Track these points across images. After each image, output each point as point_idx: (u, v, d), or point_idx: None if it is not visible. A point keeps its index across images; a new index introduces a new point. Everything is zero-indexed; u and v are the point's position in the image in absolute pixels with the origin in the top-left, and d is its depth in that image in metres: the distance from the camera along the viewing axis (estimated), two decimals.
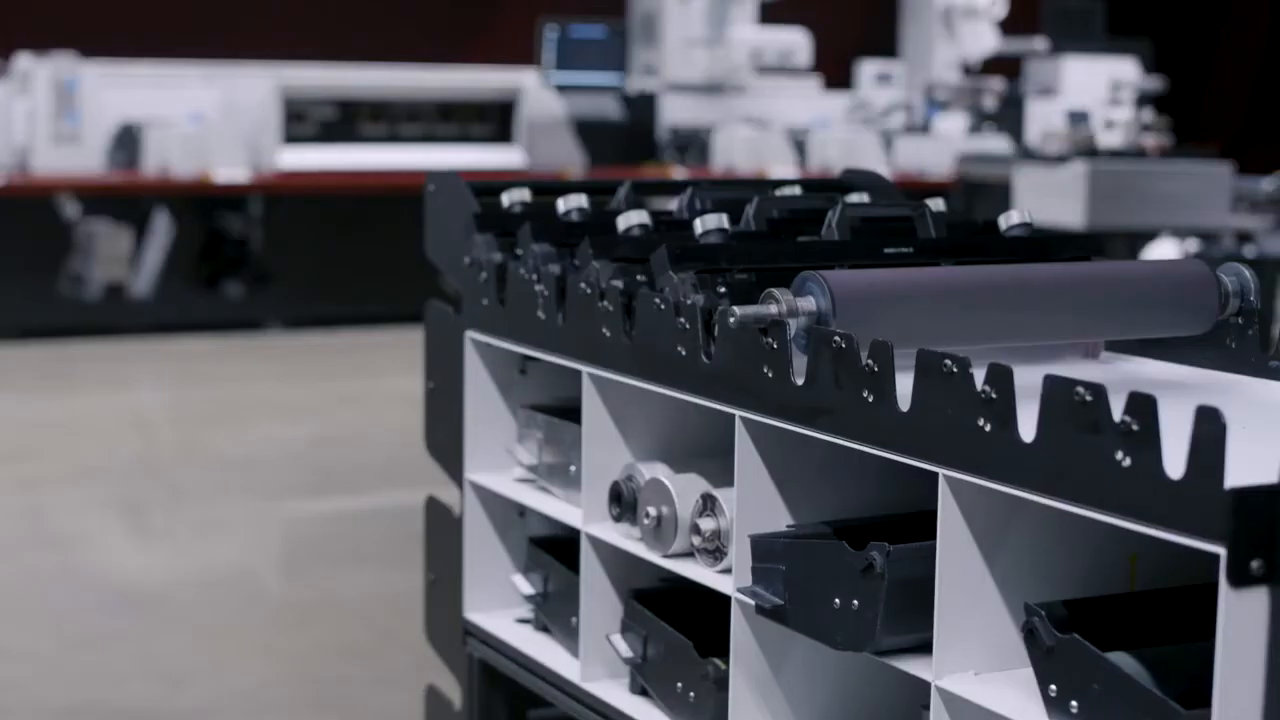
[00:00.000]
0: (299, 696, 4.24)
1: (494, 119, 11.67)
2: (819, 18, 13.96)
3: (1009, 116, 12.74)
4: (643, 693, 2.33)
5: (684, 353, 2.17)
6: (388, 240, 10.39)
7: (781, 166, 11.83)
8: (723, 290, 2.20)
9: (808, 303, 2.05)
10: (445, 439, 2.80)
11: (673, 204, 2.81)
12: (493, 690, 2.76)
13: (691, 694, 2.21)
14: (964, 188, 10.99)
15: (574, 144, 11.98)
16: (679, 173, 11.89)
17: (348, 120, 10.75)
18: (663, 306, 2.20)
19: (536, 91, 11.82)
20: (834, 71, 13.94)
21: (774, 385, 2.03)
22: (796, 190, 2.89)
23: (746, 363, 2.07)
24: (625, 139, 12.42)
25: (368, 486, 6.56)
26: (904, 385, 1.85)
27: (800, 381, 1.99)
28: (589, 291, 2.36)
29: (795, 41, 12.98)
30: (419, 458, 3.00)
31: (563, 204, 2.71)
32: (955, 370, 1.77)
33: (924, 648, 1.88)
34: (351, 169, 10.48)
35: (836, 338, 1.93)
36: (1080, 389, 1.62)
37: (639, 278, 2.31)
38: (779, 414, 2.03)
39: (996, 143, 12.26)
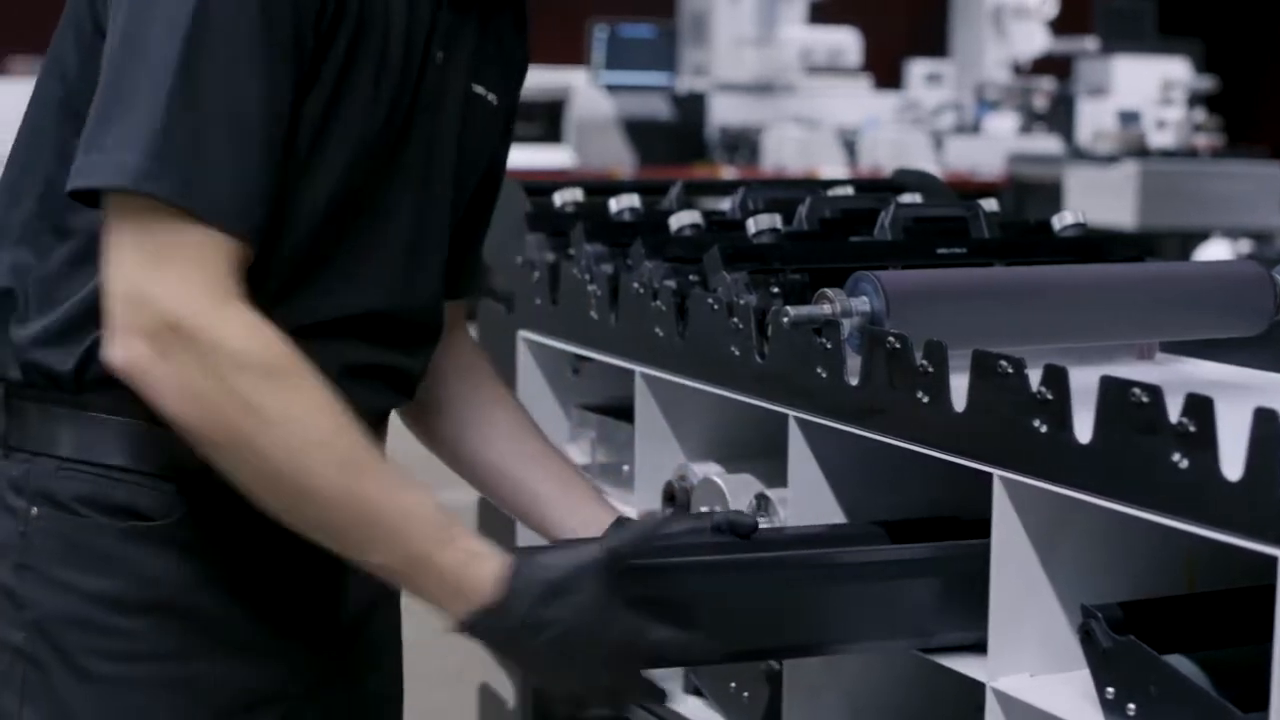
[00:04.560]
0: None
1: (543, 119, 11.69)
2: (869, 17, 13.95)
3: (1060, 116, 12.69)
4: (696, 692, 2.33)
5: (737, 353, 2.17)
6: None
7: (831, 166, 11.81)
8: (776, 290, 2.20)
9: (861, 303, 2.05)
10: None
11: (723, 204, 2.81)
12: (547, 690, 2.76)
13: (745, 693, 2.21)
14: (1014, 188, 10.98)
15: (623, 144, 11.99)
16: (728, 172, 11.89)
17: None
18: (716, 306, 2.20)
19: (586, 91, 11.83)
20: (884, 71, 13.92)
21: (828, 385, 2.03)
22: (849, 190, 2.89)
23: (800, 363, 2.07)
24: (674, 139, 12.41)
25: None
26: (958, 386, 1.85)
27: (854, 382, 1.99)
28: (642, 291, 2.36)
29: (845, 41, 12.98)
30: None
31: (615, 204, 2.71)
32: (1011, 371, 1.77)
33: (978, 648, 1.88)
34: None
35: (890, 338, 1.93)
36: (1137, 390, 1.62)
37: (692, 278, 2.32)
38: (832, 414, 2.03)
39: (1047, 143, 12.23)
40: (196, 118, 1.68)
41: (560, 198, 2.82)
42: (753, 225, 2.40)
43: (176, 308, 1.65)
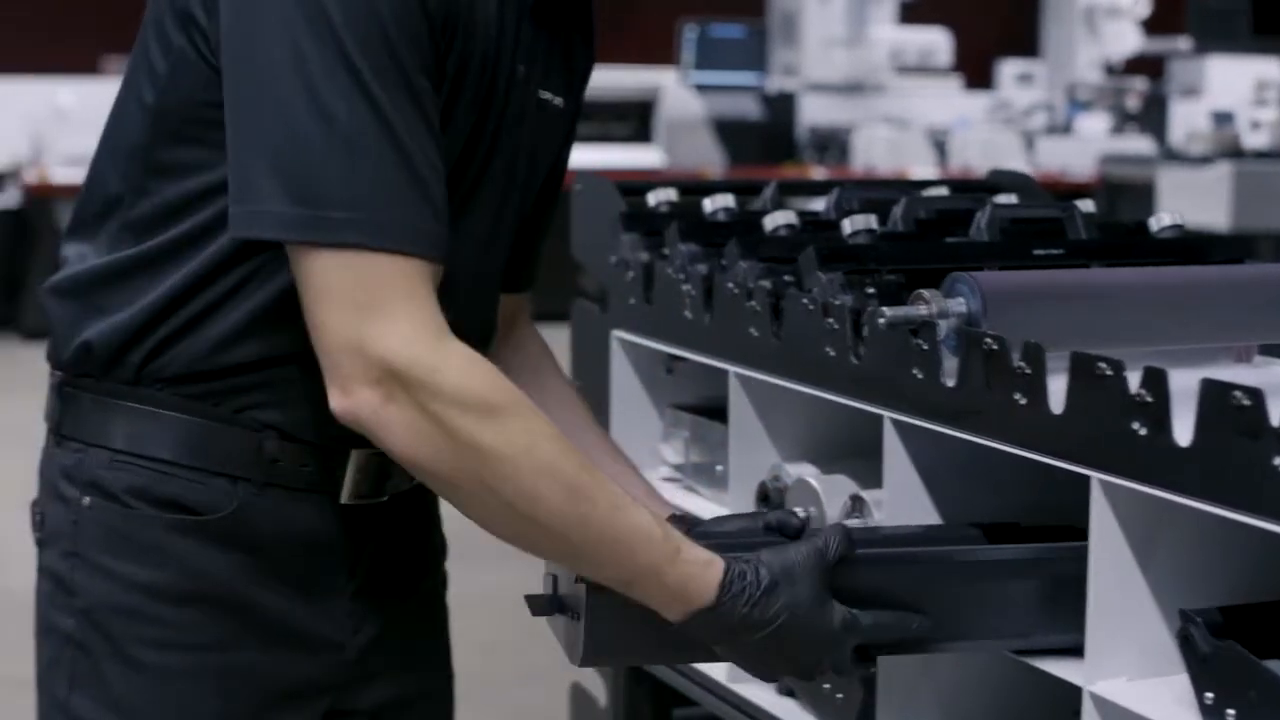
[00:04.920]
0: None
1: (633, 119, 11.71)
2: (959, 17, 13.89)
3: (1152, 117, 12.62)
4: (789, 694, 2.32)
5: (832, 353, 2.17)
6: None
7: (921, 167, 11.78)
8: (871, 291, 2.20)
9: (958, 304, 2.04)
10: None
11: (815, 204, 2.81)
12: (638, 689, 2.77)
13: (839, 695, 2.21)
14: (1106, 189, 10.90)
15: (712, 143, 11.99)
16: (818, 172, 11.88)
17: None
18: (811, 307, 2.20)
19: (676, 91, 11.84)
20: (974, 71, 13.87)
21: (924, 386, 2.02)
22: (943, 191, 2.88)
23: (896, 364, 2.06)
24: (764, 139, 12.42)
25: None
26: (1055, 388, 1.84)
27: (951, 383, 1.98)
28: (737, 291, 2.36)
29: (935, 41, 12.94)
30: None
31: (709, 204, 2.71)
32: (1110, 373, 1.76)
33: (1073, 652, 1.87)
34: None
35: (988, 339, 1.92)
36: (1238, 393, 1.60)
37: (786, 278, 2.31)
38: (928, 415, 2.02)
39: (1139, 144, 12.15)
40: (373, 155, 1.70)
41: (654, 198, 2.82)
42: (848, 225, 2.40)
43: (397, 353, 1.68)
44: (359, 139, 1.69)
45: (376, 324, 1.68)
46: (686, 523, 2.03)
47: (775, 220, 2.55)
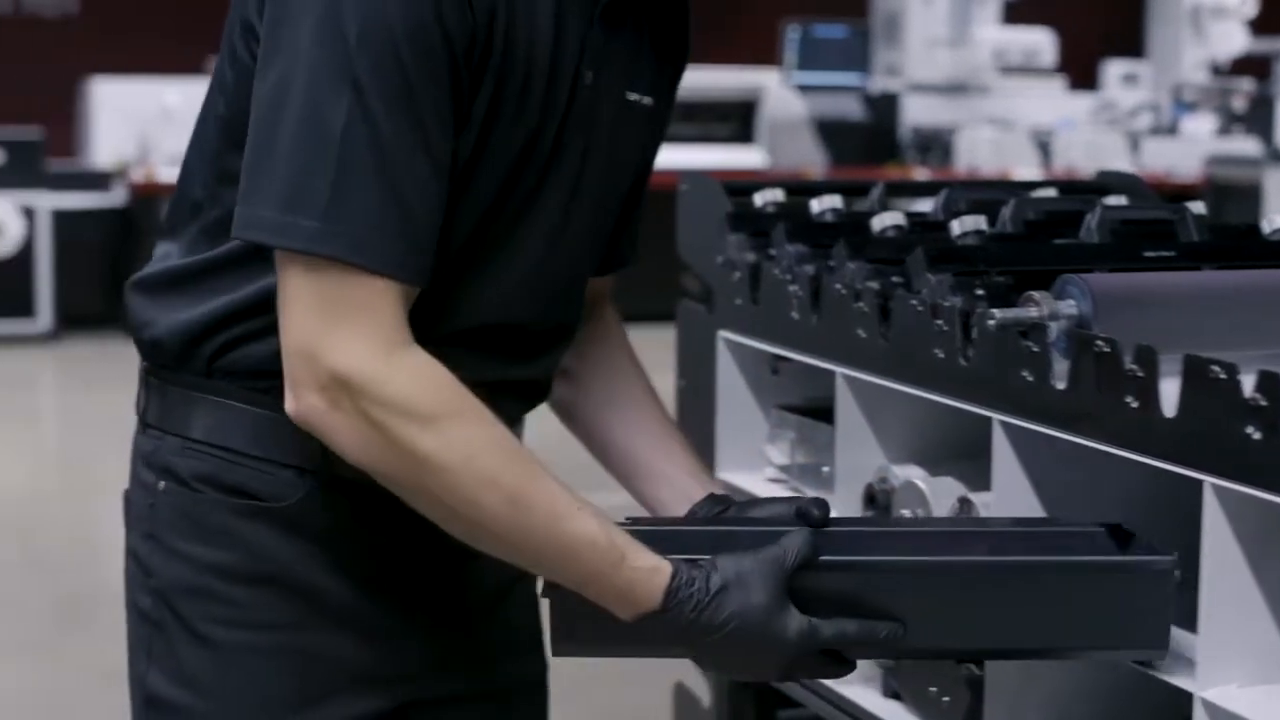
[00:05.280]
0: None
1: (735, 119, 11.71)
2: (1063, 17, 13.81)
3: (1259, 118, 12.48)
4: (895, 696, 2.32)
5: (941, 355, 2.16)
6: None
7: (1025, 168, 11.71)
8: (980, 293, 2.19)
9: (1068, 306, 2.03)
10: (696, 438, 2.81)
11: (920, 205, 2.80)
12: (742, 689, 2.77)
13: (945, 699, 2.20)
14: (1212, 190, 10.81)
15: (814, 144, 11.97)
16: (920, 173, 11.83)
17: None
18: (920, 308, 2.19)
19: (778, 92, 11.83)
20: (1079, 72, 13.78)
21: (1034, 389, 2.01)
22: (1051, 192, 2.86)
23: (1006, 366, 2.05)
24: (867, 139, 12.38)
25: (608, 482, 6.58)
26: (1167, 391, 1.83)
27: (1061, 386, 1.97)
28: (844, 292, 2.35)
29: (1039, 41, 12.87)
30: None
31: (816, 204, 2.71)
32: (1224, 376, 1.74)
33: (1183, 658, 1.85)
34: None
35: (1099, 341, 1.91)
36: None
37: (894, 279, 2.30)
38: (1038, 418, 2.01)
39: (1245, 145, 12.03)
40: (362, 173, 1.75)
41: (761, 198, 2.81)
42: (957, 227, 2.39)
43: (346, 363, 1.74)
44: (351, 156, 1.74)
45: (333, 335, 1.74)
46: (725, 503, 2.06)
47: (883, 221, 2.54)
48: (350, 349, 1.74)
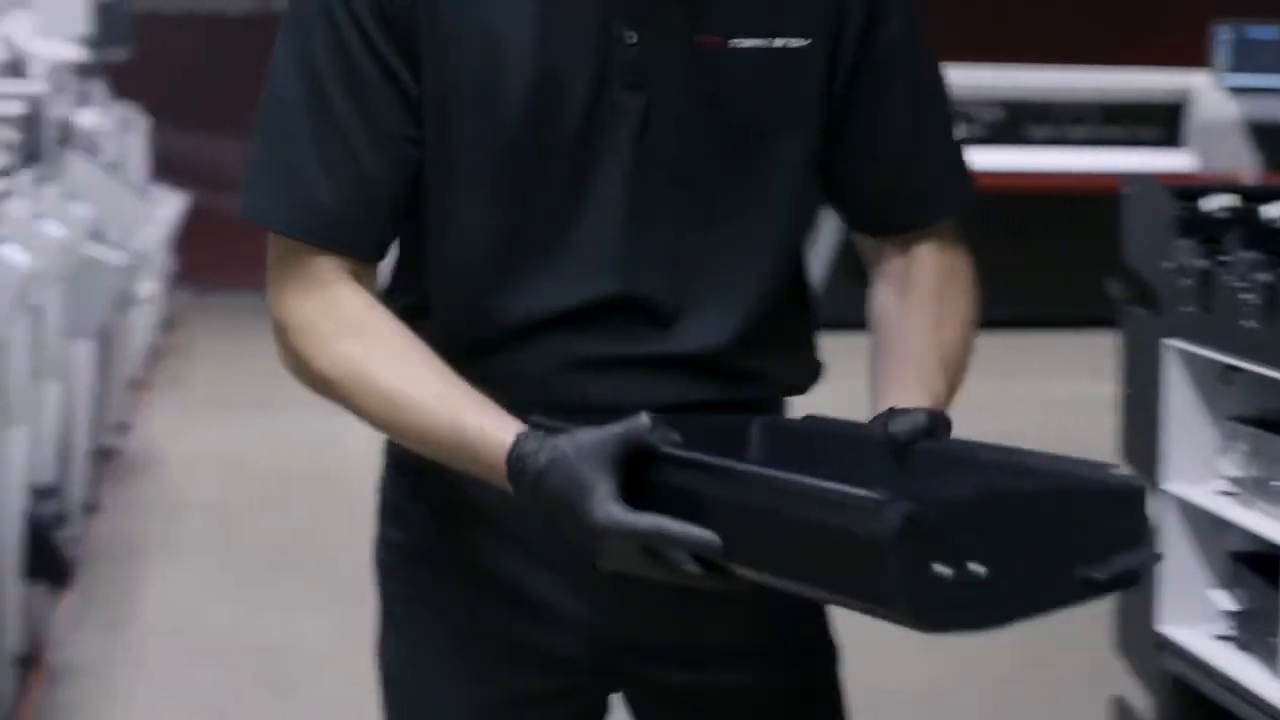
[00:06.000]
0: (967, 695, 4.27)
1: (1160, 121, 11.47)
2: None
3: None
4: None
5: None
6: (1054, 243, 10.32)
7: None
8: None
9: None
10: (1142, 446, 2.76)
11: None
12: (1185, 706, 2.71)
13: None
14: None
15: (1247, 147, 11.66)
16: None
17: (1014, 122, 10.74)
18: None
19: (1209, 94, 11.55)
20: None
21: None
22: None
23: None
24: None
25: None
26: None
27: None
28: None
29: None
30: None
31: (1272, 211, 2.64)
32: None
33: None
34: (1018, 170, 10.42)
35: None
36: None
37: None
38: None
39: None
40: (297, 150, 1.92)
41: (1210, 203, 2.75)
42: None
43: (279, 312, 1.95)
44: (291, 128, 1.92)
45: (279, 288, 1.95)
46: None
47: None
48: (287, 302, 1.94)
